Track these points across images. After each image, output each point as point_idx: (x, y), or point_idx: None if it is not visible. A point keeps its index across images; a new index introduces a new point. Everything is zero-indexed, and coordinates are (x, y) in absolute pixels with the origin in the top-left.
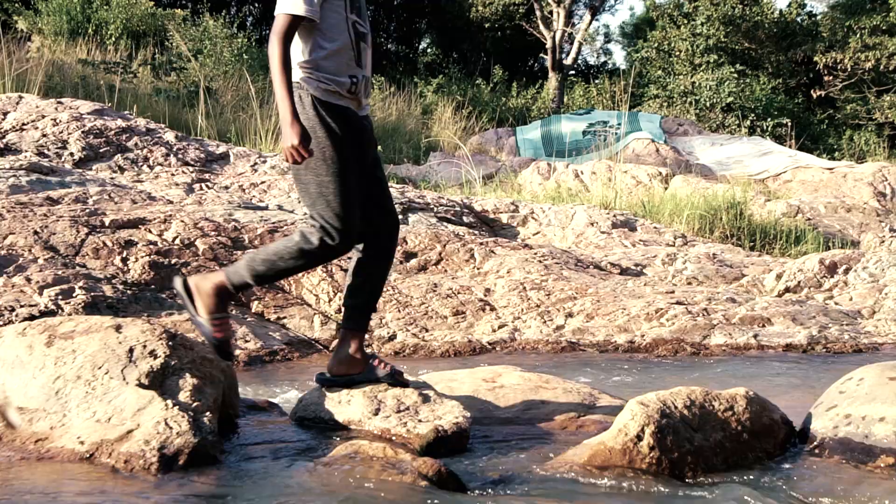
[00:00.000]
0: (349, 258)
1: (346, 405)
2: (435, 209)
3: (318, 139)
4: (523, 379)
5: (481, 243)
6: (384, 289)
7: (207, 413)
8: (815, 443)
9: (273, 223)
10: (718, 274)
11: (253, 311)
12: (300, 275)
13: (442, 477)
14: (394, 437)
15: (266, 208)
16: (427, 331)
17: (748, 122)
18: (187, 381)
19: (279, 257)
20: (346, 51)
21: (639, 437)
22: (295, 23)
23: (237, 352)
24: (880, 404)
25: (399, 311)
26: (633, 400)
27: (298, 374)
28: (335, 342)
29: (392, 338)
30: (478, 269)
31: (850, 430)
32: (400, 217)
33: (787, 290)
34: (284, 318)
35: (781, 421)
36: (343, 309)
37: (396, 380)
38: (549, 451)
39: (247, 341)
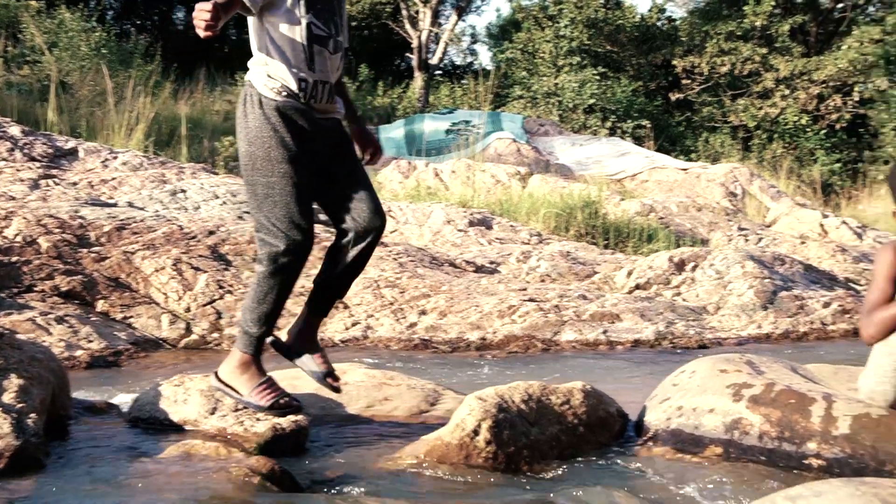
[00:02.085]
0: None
1: (182, 404)
2: None
3: (264, 139)
4: (367, 376)
5: None
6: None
7: (33, 415)
8: (649, 434)
9: (122, 220)
10: (571, 271)
11: (98, 310)
12: (149, 272)
13: (275, 475)
14: (231, 437)
15: (115, 205)
16: (278, 329)
17: (609, 124)
18: (12, 382)
19: (258, 301)
20: (296, 52)
21: (475, 432)
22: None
23: (79, 352)
24: (711, 396)
25: None
26: (471, 395)
27: (143, 375)
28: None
29: None
30: None
31: (681, 422)
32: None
33: (638, 286)
34: (131, 317)
35: (617, 413)
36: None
37: (327, 383)
38: (389, 448)
39: (90, 341)
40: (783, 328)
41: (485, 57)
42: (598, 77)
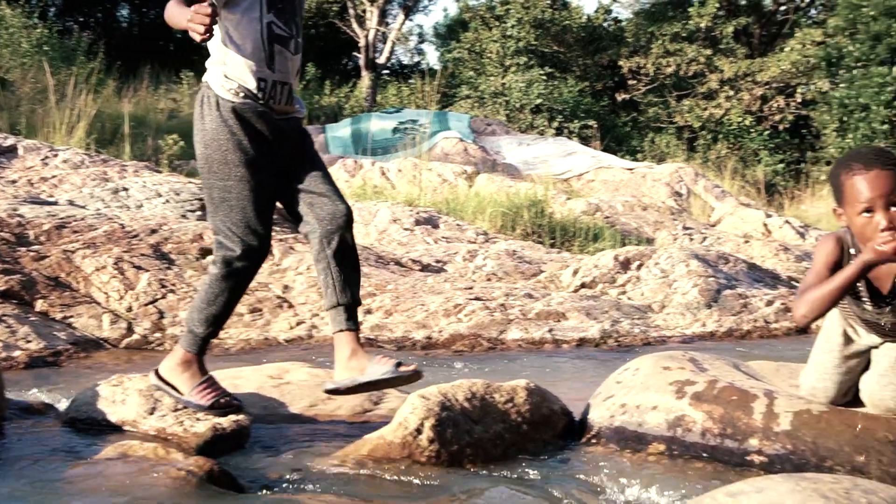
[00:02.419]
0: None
1: (120, 405)
2: None
3: (220, 142)
4: (310, 375)
5: (281, 239)
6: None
7: None
8: (593, 432)
9: (62, 218)
10: (518, 270)
11: (37, 310)
12: (89, 272)
13: (214, 476)
14: (170, 437)
15: (55, 203)
16: (222, 329)
17: (556, 124)
18: None
19: (208, 302)
20: (255, 51)
21: (418, 431)
22: None
23: (17, 353)
24: (654, 393)
25: None
26: (415, 393)
27: (83, 375)
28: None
29: None
30: (277, 265)
31: (625, 419)
32: (203, 214)
33: (583, 285)
34: (71, 316)
35: (561, 411)
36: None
37: (401, 372)
38: (331, 448)
39: (28, 342)
40: (727, 326)
41: (432, 56)
42: (544, 77)
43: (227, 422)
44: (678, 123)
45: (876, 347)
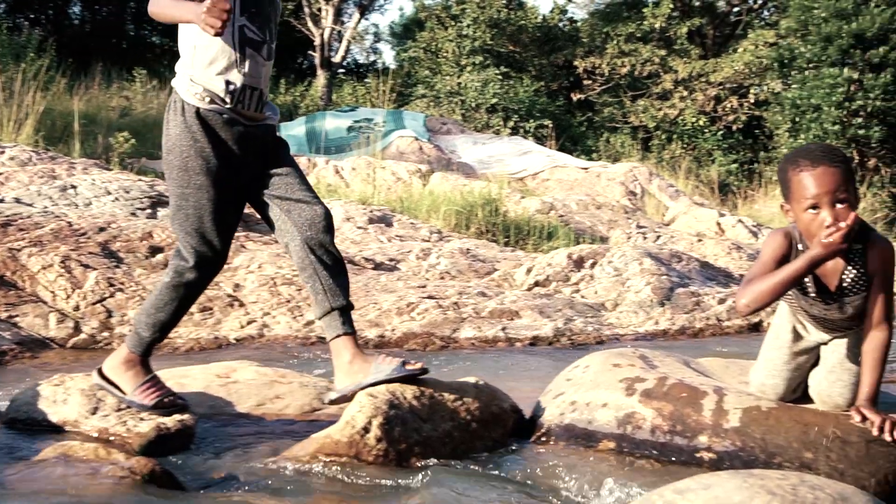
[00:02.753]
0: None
1: (61, 405)
2: None
3: (182, 148)
4: (259, 374)
5: None
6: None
7: None
8: (543, 430)
9: (7, 216)
10: (471, 268)
11: None
12: (36, 270)
13: (156, 476)
14: (113, 437)
15: (1, 201)
16: (169, 333)
17: (512, 123)
18: None
19: (157, 308)
20: (225, 54)
21: (366, 429)
22: None
23: None
24: (604, 390)
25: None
26: (362, 392)
27: (28, 374)
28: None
29: None
30: (228, 263)
31: (574, 417)
32: (162, 211)
33: (537, 283)
34: (17, 316)
35: (511, 409)
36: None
37: (407, 370)
38: (277, 447)
39: None
40: (680, 324)
41: (388, 56)
42: (500, 77)
43: (171, 421)
44: (633, 123)
45: (825, 344)
